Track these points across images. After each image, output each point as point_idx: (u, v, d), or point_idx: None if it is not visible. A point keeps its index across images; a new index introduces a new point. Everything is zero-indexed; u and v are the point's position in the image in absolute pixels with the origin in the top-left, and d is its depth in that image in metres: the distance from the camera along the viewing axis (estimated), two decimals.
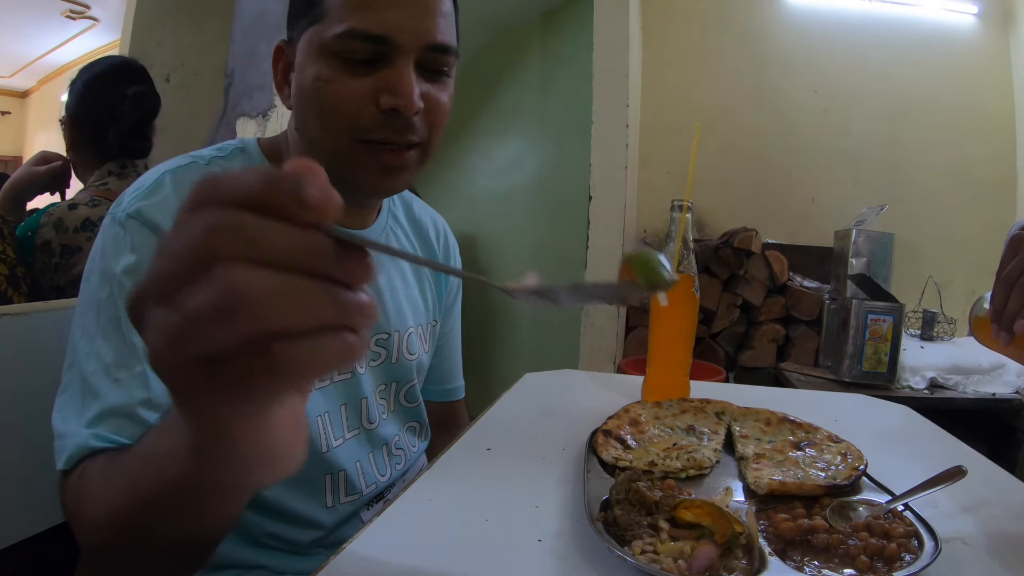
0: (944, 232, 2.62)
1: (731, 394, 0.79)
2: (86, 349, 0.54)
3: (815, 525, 0.46)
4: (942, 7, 2.65)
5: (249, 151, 0.67)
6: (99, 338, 0.54)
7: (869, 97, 2.67)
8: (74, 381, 0.54)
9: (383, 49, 0.57)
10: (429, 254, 0.85)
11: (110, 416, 0.52)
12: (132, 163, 1.32)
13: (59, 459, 0.51)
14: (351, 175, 0.61)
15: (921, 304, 2.22)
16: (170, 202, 0.58)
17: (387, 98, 0.58)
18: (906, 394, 1.85)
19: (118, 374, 0.53)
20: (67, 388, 0.55)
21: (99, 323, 0.55)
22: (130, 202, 0.58)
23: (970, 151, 2.64)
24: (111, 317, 0.55)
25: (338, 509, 0.68)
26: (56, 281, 1.18)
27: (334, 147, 0.60)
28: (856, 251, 2.13)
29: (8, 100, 7.13)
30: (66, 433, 0.51)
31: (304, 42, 0.60)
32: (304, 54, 0.60)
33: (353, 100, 0.58)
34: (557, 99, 2.80)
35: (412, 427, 0.82)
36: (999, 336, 0.53)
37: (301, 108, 0.62)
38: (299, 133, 0.64)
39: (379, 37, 0.57)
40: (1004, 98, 2.65)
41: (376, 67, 0.58)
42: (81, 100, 1.29)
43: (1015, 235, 0.54)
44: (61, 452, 0.51)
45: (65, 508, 0.50)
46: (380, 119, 0.59)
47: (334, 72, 0.58)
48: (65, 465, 0.50)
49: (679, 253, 0.80)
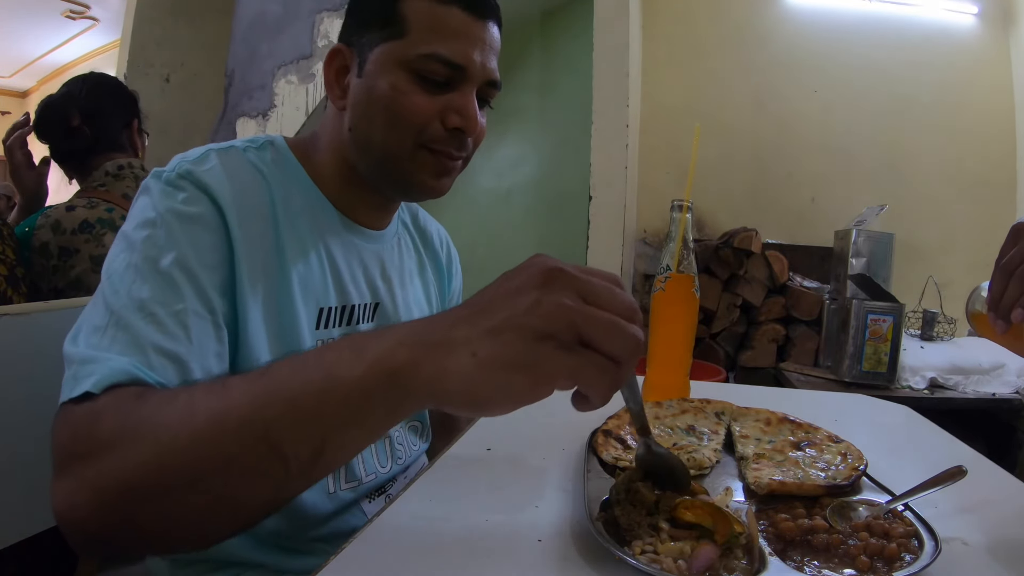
0: (944, 232, 2.62)
1: (731, 394, 0.79)
2: (114, 287, 0.52)
3: (815, 525, 0.46)
4: (942, 7, 2.65)
5: (278, 146, 0.70)
6: (131, 275, 0.53)
7: (869, 97, 2.67)
8: (96, 313, 0.52)
9: (457, 75, 0.65)
10: (434, 261, 0.88)
11: (146, 351, 0.49)
12: (129, 164, 1.32)
13: (82, 383, 0.46)
14: (409, 174, 0.68)
15: (921, 304, 2.22)
16: (218, 172, 0.60)
17: (455, 118, 0.66)
18: (906, 394, 1.85)
19: (154, 308, 0.51)
20: (86, 320, 0.52)
21: (131, 261, 0.53)
22: (178, 164, 0.60)
23: (970, 151, 2.64)
24: (149, 256, 0.54)
25: (339, 496, 0.69)
26: (54, 283, 1.18)
27: (399, 149, 0.66)
28: (856, 251, 2.13)
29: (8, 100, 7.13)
30: (94, 358, 0.48)
31: (379, 53, 0.65)
32: (379, 64, 0.65)
33: (423, 114, 0.65)
34: (557, 99, 2.80)
35: (415, 427, 0.83)
36: (995, 324, 0.53)
37: (368, 111, 0.66)
38: (355, 134, 0.68)
39: (458, 65, 0.65)
40: (1004, 98, 2.65)
41: (446, 89, 0.66)
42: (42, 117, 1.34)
43: (1016, 224, 0.53)
44: (86, 376, 0.46)
45: (92, 430, 0.44)
46: (443, 135, 0.66)
47: (410, 86, 0.65)
48: (95, 387, 0.45)
49: (679, 253, 0.80)
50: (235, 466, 0.41)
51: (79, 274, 1.18)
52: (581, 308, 0.38)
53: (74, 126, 1.30)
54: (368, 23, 0.67)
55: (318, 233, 0.68)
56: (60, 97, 1.34)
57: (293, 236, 0.65)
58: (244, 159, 0.65)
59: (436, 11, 0.64)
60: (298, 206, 0.67)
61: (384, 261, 0.77)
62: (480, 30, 0.66)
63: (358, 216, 0.74)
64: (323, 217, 0.70)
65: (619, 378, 0.39)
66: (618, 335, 0.38)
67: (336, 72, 0.70)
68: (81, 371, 0.47)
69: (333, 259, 0.70)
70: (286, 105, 2.39)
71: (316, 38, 2.34)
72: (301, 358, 0.43)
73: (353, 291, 0.71)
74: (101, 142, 1.33)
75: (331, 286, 0.69)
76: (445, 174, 0.70)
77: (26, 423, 0.70)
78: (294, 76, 2.37)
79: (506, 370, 0.38)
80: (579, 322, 0.38)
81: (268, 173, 0.66)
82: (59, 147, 1.34)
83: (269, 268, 0.62)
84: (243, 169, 0.64)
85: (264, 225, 0.63)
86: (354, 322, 0.71)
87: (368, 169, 0.69)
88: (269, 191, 0.64)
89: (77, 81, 1.37)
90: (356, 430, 0.42)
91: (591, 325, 0.38)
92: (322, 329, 0.67)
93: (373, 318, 0.74)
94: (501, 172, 2.96)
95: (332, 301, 0.69)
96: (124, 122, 1.37)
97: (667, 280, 0.80)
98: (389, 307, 0.76)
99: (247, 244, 0.60)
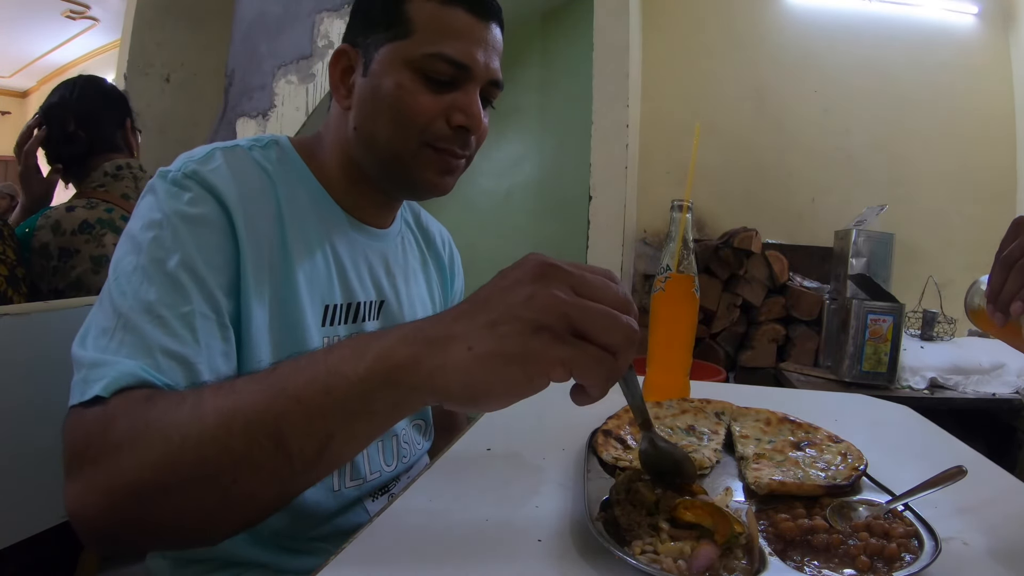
0: (944, 232, 2.62)
1: (731, 394, 0.79)
2: (122, 288, 0.53)
3: (815, 525, 0.46)
4: (942, 7, 2.65)
5: (283, 145, 0.71)
6: (138, 277, 0.53)
7: (869, 97, 2.67)
8: (104, 316, 0.52)
9: (461, 75, 0.66)
10: (436, 261, 0.89)
11: (154, 353, 0.50)
12: (127, 164, 1.32)
13: (92, 386, 0.46)
14: (413, 172, 0.69)
15: (921, 304, 2.22)
16: (223, 172, 0.60)
17: (459, 117, 0.67)
18: (906, 394, 1.85)
19: (161, 311, 0.52)
20: (94, 322, 0.52)
21: (139, 263, 0.54)
22: (184, 164, 0.60)
23: (970, 150, 2.64)
24: (155, 258, 0.54)
25: (343, 493, 0.69)
26: (54, 284, 1.18)
27: (403, 147, 0.67)
28: (856, 251, 2.13)
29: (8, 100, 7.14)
30: (103, 361, 0.48)
31: (385, 53, 0.66)
32: (385, 64, 0.66)
33: (428, 112, 0.66)
34: (557, 99, 2.80)
35: (418, 425, 0.84)
36: (994, 316, 0.53)
37: (373, 110, 0.67)
38: (360, 132, 0.68)
39: (463, 65, 0.65)
40: (1004, 98, 2.65)
41: (450, 89, 0.66)
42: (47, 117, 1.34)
43: (1017, 218, 0.53)
44: (96, 380, 0.47)
45: (105, 435, 0.44)
46: (447, 133, 0.67)
47: (415, 85, 0.65)
48: (104, 391, 0.46)
49: (679, 253, 0.80)
50: (243, 464, 0.42)
51: (79, 275, 1.18)
52: (574, 300, 0.39)
53: (70, 131, 1.30)
54: (373, 24, 0.68)
55: (324, 231, 0.69)
56: (54, 104, 1.34)
57: (299, 235, 0.65)
58: (249, 158, 0.65)
59: (441, 12, 0.65)
60: (303, 205, 0.67)
61: (388, 259, 0.77)
62: (483, 31, 0.67)
63: (363, 215, 0.74)
64: (328, 215, 0.70)
65: (615, 369, 0.40)
66: (612, 325, 0.39)
67: (341, 72, 0.70)
68: (91, 375, 0.48)
69: (339, 257, 0.70)
70: (286, 105, 2.39)
71: (316, 38, 2.34)
72: (306, 358, 0.44)
73: (359, 288, 0.72)
74: (97, 144, 1.33)
75: (337, 284, 0.69)
76: (449, 172, 0.70)
77: (26, 423, 0.71)
78: (294, 76, 2.37)
79: (502, 362, 0.39)
80: (572, 313, 0.39)
81: (273, 172, 0.66)
82: (59, 153, 1.34)
83: (275, 267, 0.63)
84: (248, 168, 0.64)
85: (270, 224, 0.63)
86: (360, 319, 0.72)
87: (373, 167, 0.70)
88: (274, 190, 0.65)
89: (68, 85, 1.37)
90: (360, 425, 0.43)
91: (585, 316, 0.39)
92: (328, 326, 0.68)
93: (378, 315, 0.75)
94: (501, 172, 2.96)
95: (338, 299, 0.69)
96: (118, 122, 1.37)
97: (667, 280, 0.81)
98: (394, 304, 0.77)
99: (253, 243, 0.60)
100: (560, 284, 0.40)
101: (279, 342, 0.62)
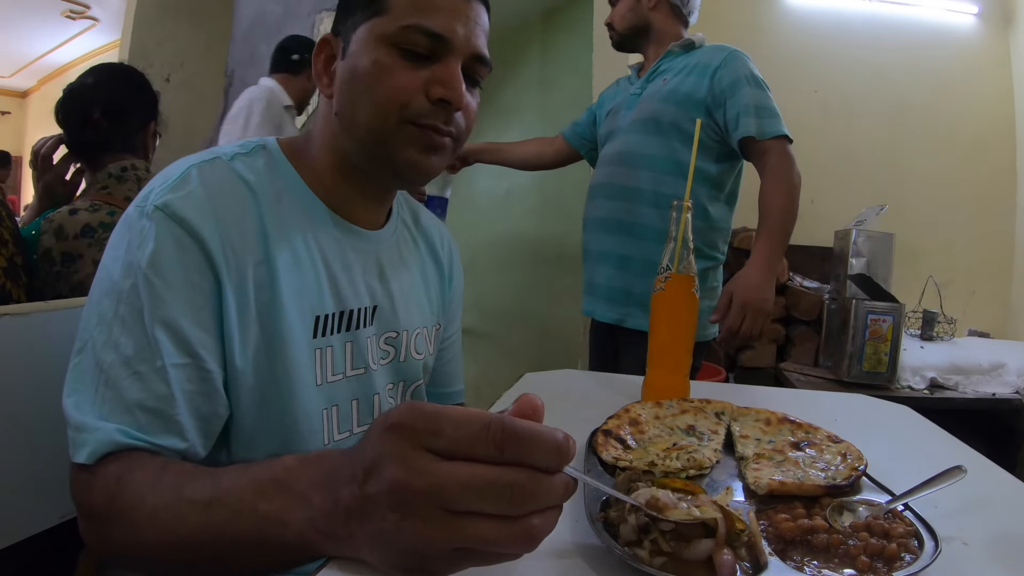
0: (944, 232, 2.62)
1: (731, 394, 0.79)
2: (103, 339, 0.54)
3: (815, 525, 0.46)
4: (942, 7, 2.65)
5: (270, 149, 0.69)
6: (118, 328, 0.54)
7: (869, 97, 2.67)
8: (88, 368, 0.54)
9: (439, 47, 0.64)
10: (436, 262, 0.87)
11: (132, 411, 0.52)
12: (132, 166, 1.31)
13: (79, 451, 0.51)
14: (396, 152, 0.66)
15: (921, 304, 2.22)
16: (197, 196, 0.59)
17: (438, 89, 0.64)
18: (906, 394, 1.85)
19: (138, 367, 0.53)
20: (80, 374, 0.54)
21: (118, 312, 0.54)
22: (158, 195, 0.58)
23: (970, 151, 2.64)
24: (134, 309, 0.54)
25: None
26: (58, 290, 1.17)
27: (383, 125, 0.65)
28: (856, 251, 2.13)
29: (8, 100, 7.14)
30: (85, 426, 0.51)
31: (363, 32, 0.65)
32: (362, 43, 0.65)
33: (406, 88, 0.64)
34: (557, 98, 2.80)
35: None
36: None
37: (351, 91, 0.66)
38: (341, 117, 0.67)
39: (439, 36, 0.64)
40: (1004, 98, 2.65)
41: (429, 62, 0.65)
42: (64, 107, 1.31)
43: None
44: (81, 445, 0.51)
45: (90, 503, 0.50)
46: (428, 108, 0.65)
47: (392, 60, 0.64)
48: (88, 459, 0.50)
49: (679, 253, 0.80)
50: (199, 564, 0.46)
51: (82, 279, 1.17)
52: (443, 523, 0.33)
53: (93, 118, 1.27)
54: (352, 7, 0.67)
55: (312, 239, 0.67)
56: (85, 86, 1.29)
57: (285, 248, 0.64)
58: (229, 171, 0.63)
59: None
60: (290, 214, 0.65)
61: (382, 262, 0.75)
62: (463, 6, 0.66)
63: (354, 214, 0.72)
64: (317, 221, 0.68)
65: (530, 529, 0.34)
66: (486, 495, 0.33)
67: (324, 61, 0.70)
68: (77, 439, 0.52)
69: (329, 265, 0.68)
70: None
71: (316, 38, 2.34)
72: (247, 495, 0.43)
73: (351, 296, 0.70)
74: (115, 140, 1.30)
75: (328, 293, 0.67)
76: (433, 150, 0.68)
77: (26, 423, 0.70)
78: None
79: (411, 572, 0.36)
80: (445, 534, 0.33)
81: (256, 184, 0.64)
82: (73, 137, 1.32)
83: (261, 285, 0.61)
84: (227, 186, 0.62)
85: (252, 243, 0.61)
86: (353, 327, 0.70)
87: (357, 152, 0.68)
88: (257, 205, 0.63)
89: (105, 71, 1.33)
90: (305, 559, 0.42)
91: (460, 499, 0.33)
92: (320, 337, 0.66)
93: (372, 321, 0.72)
94: (501, 172, 2.95)
95: (330, 308, 0.67)
96: (142, 122, 1.35)
97: (667, 280, 0.80)
98: (388, 310, 0.74)
99: (233, 269, 0.59)
100: (424, 504, 0.33)
101: (267, 360, 0.61)
